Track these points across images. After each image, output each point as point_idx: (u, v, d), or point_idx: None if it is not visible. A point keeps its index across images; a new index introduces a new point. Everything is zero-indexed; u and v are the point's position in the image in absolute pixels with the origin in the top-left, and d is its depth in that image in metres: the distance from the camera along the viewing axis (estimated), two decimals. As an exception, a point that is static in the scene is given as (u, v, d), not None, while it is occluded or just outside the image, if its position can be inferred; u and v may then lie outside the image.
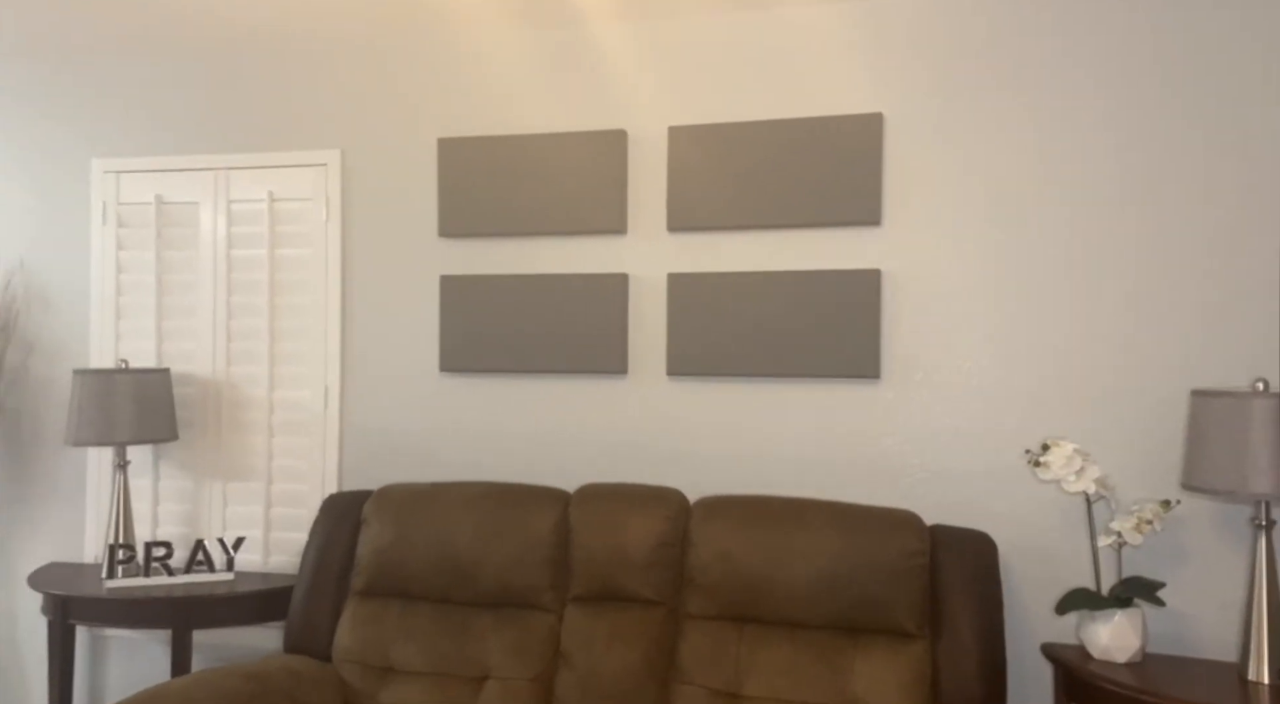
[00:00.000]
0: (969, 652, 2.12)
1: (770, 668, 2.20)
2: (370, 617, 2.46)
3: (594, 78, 2.69)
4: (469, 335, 2.74)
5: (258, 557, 2.89)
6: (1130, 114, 2.30)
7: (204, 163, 2.95)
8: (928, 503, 2.42)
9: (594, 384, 2.68)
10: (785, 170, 2.51)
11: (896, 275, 2.46)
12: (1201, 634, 2.22)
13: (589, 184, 2.66)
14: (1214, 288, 2.25)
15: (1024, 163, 2.37)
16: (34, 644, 3.07)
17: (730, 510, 2.33)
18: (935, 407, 2.42)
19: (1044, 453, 2.16)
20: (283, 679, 2.27)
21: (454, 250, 2.79)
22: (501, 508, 2.45)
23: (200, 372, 2.95)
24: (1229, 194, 2.24)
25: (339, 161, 2.86)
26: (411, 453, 2.81)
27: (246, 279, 2.92)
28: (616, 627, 2.31)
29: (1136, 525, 2.10)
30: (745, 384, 2.57)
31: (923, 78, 2.44)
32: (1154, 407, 2.27)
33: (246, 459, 2.92)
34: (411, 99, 2.82)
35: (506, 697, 2.30)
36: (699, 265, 2.61)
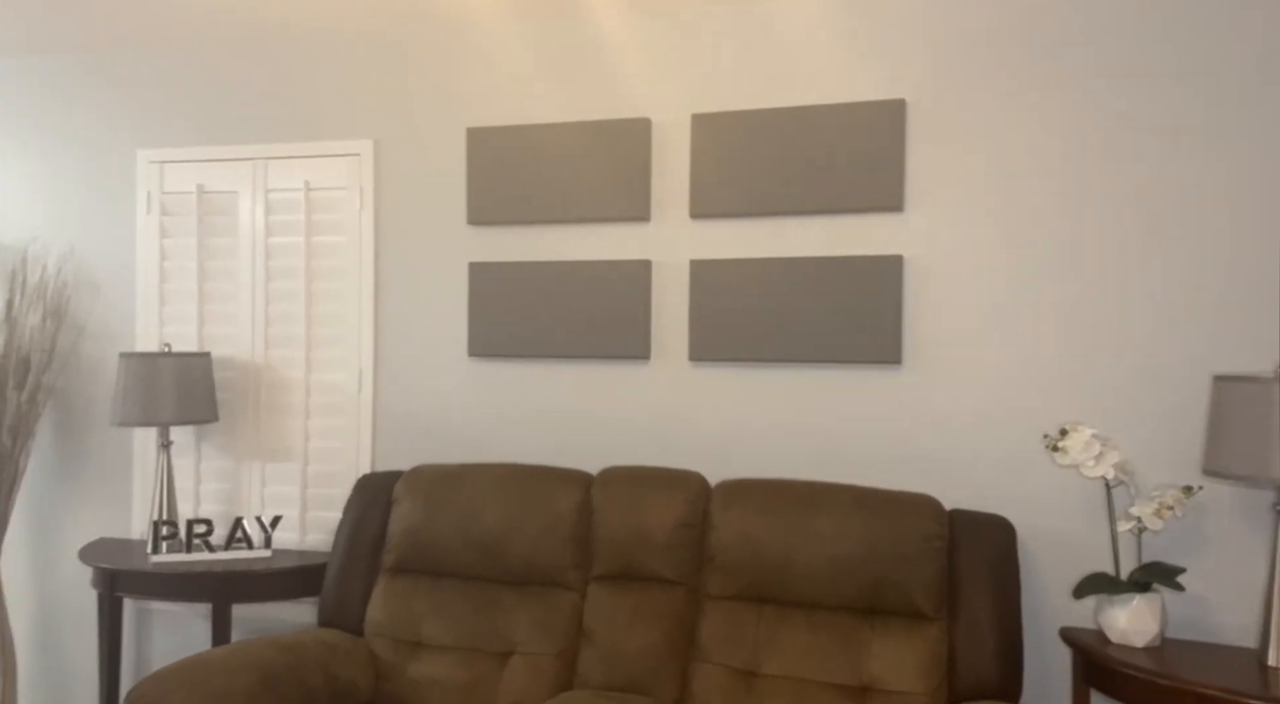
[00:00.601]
0: (985, 634, 2.14)
1: (788, 648, 2.23)
2: (401, 593, 2.54)
3: (618, 67, 2.72)
4: (496, 321, 2.81)
5: (294, 535, 2.99)
6: (1156, 101, 2.28)
7: (243, 153, 3.04)
8: (948, 487, 2.43)
9: (617, 369, 2.73)
10: (808, 157, 2.53)
11: (918, 261, 2.47)
12: (1223, 620, 2.21)
13: (613, 172, 2.70)
14: (1237, 274, 2.23)
15: (1047, 150, 2.36)
16: (86, 615, 3.21)
17: (750, 493, 2.37)
18: (956, 392, 2.43)
19: (1062, 438, 2.17)
20: (316, 651, 2.36)
21: (482, 238, 2.85)
22: (527, 489, 2.51)
23: (240, 355, 3.05)
24: (1253, 181, 2.21)
25: (372, 151, 2.93)
26: (441, 435, 2.88)
27: (284, 266, 3.02)
28: (638, 605, 2.36)
29: (1157, 511, 2.10)
30: (767, 370, 2.60)
31: (946, 64, 2.44)
32: (1177, 392, 2.26)
33: (284, 440, 3.02)
34: (441, 90, 2.88)
35: (531, 671, 2.37)
36: (721, 252, 2.64)
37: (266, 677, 2.17)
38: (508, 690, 2.35)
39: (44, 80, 3.24)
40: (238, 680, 2.12)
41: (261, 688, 2.15)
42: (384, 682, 2.45)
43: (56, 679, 3.24)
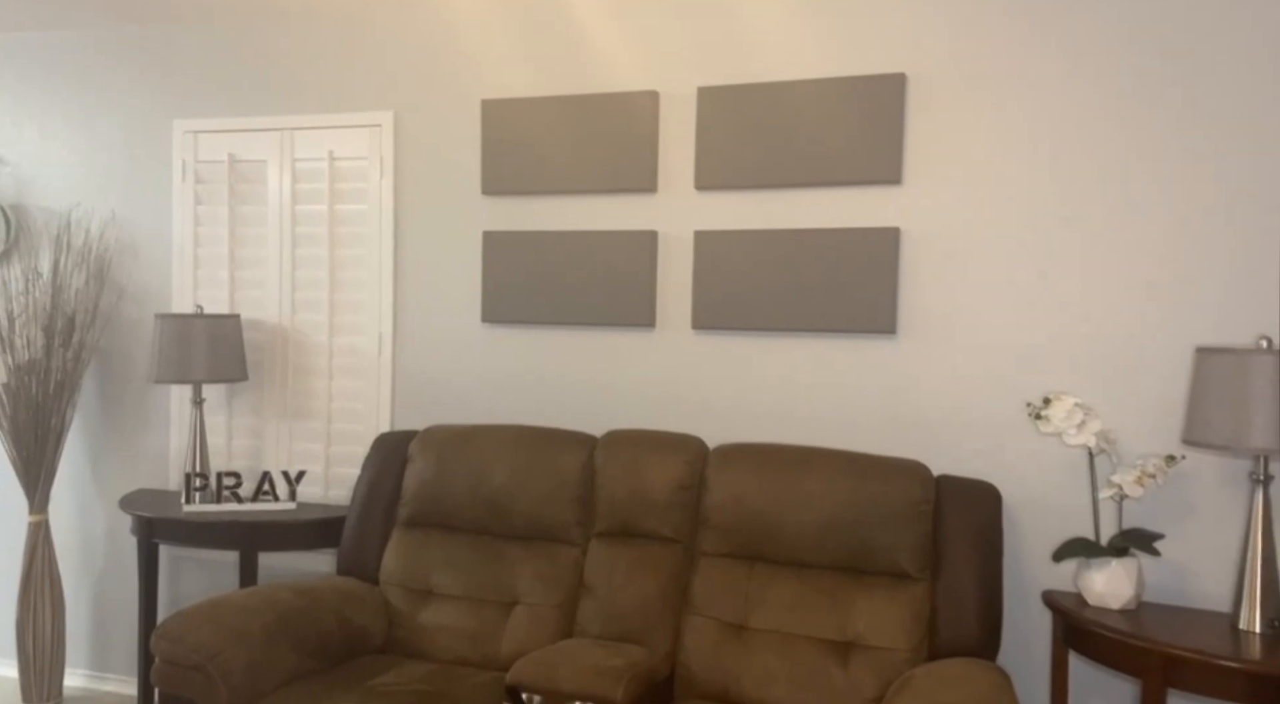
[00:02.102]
0: (967, 595, 2.21)
1: (777, 603, 2.33)
2: (414, 545, 2.69)
3: (628, 40, 2.79)
4: (508, 288, 2.91)
5: (318, 489, 3.15)
6: (1149, 78, 2.30)
7: (271, 124, 3.17)
8: (938, 454, 2.50)
9: (623, 336, 2.82)
10: (810, 130, 2.58)
11: (915, 233, 2.52)
12: (1200, 585, 2.26)
13: (622, 144, 2.78)
14: (1222, 248, 2.25)
15: (1041, 126, 2.39)
16: (126, 560, 3.42)
17: (745, 457, 2.46)
18: (948, 361, 2.49)
19: (1045, 407, 2.22)
20: (331, 596, 2.51)
21: (496, 207, 2.95)
22: (534, 449, 2.63)
23: (268, 318, 3.20)
24: (1238, 160, 2.23)
25: (392, 122, 3.04)
26: (455, 397, 3.01)
27: (309, 233, 3.15)
28: (635, 561, 2.47)
29: (1138, 478, 2.14)
30: (767, 337, 2.67)
31: (945, 39, 2.47)
32: (1159, 364, 2.30)
33: (309, 400, 3.17)
34: (457, 63, 2.98)
35: (533, 620, 2.50)
36: (725, 223, 2.71)
37: (283, 617, 2.33)
38: (511, 638, 2.49)
39: (85, 54, 3.40)
40: (256, 619, 2.28)
41: (278, 626, 2.30)
42: (396, 628, 2.59)
43: (100, 616, 3.46)
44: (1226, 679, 1.87)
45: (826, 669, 2.21)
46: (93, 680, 3.46)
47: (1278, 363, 1.95)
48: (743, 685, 2.26)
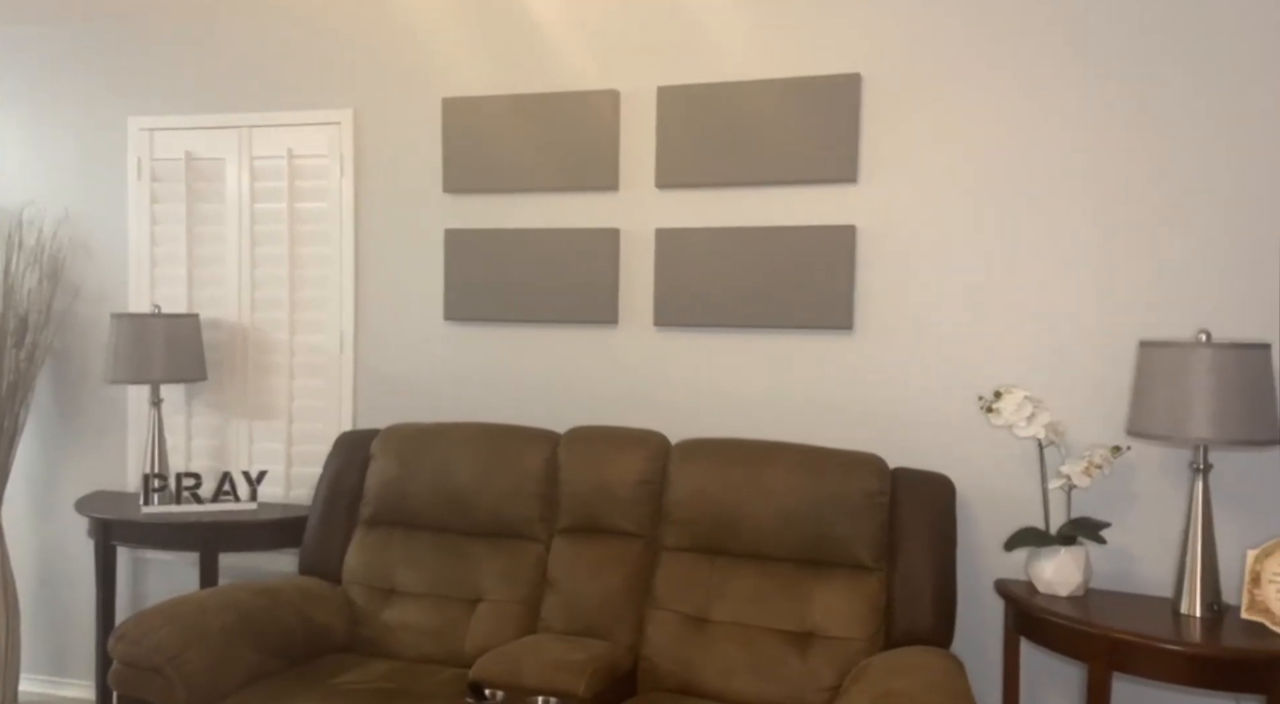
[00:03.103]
0: (921, 585, 2.26)
1: (737, 596, 2.36)
2: (376, 543, 2.68)
3: (589, 39, 2.81)
4: (471, 286, 2.92)
5: (280, 489, 3.13)
6: (1097, 79, 2.36)
7: (229, 121, 3.15)
8: (894, 447, 2.55)
9: (586, 333, 2.84)
10: (768, 129, 2.62)
11: (870, 231, 2.56)
12: (1145, 572, 2.33)
13: (583, 142, 2.79)
14: (1165, 247, 2.32)
15: (993, 125, 2.45)
16: (83, 562, 3.37)
17: (706, 451, 2.49)
18: (903, 356, 2.54)
19: (996, 400, 2.27)
20: (293, 595, 2.50)
21: (458, 205, 2.95)
22: (497, 446, 2.64)
23: (228, 317, 3.18)
24: (1178, 161, 2.30)
25: (352, 120, 3.03)
26: (418, 395, 3.01)
27: (269, 231, 3.13)
28: (599, 556, 2.49)
29: (1086, 469, 2.21)
30: (727, 334, 2.71)
31: (899, 41, 2.52)
32: (1107, 357, 2.36)
33: (270, 399, 3.15)
34: (417, 61, 2.97)
35: (497, 617, 2.51)
36: (686, 221, 2.74)
37: (244, 616, 2.32)
38: (475, 635, 2.50)
39: (39, 49, 3.34)
40: (216, 619, 2.26)
41: (239, 626, 2.29)
42: (359, 626, 2.59)
43: (56, 621, 3.41)
44: (1167, 661, 1.94)
45: (786, 659, 2.25)
46: (50, 686, 3.41)
47: (1215, 356, 2.02)
48: (704, 677, 2.29)
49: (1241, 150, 2.26)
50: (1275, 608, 1.99)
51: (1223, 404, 2.00)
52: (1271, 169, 2.24)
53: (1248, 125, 2.26)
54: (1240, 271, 2.27)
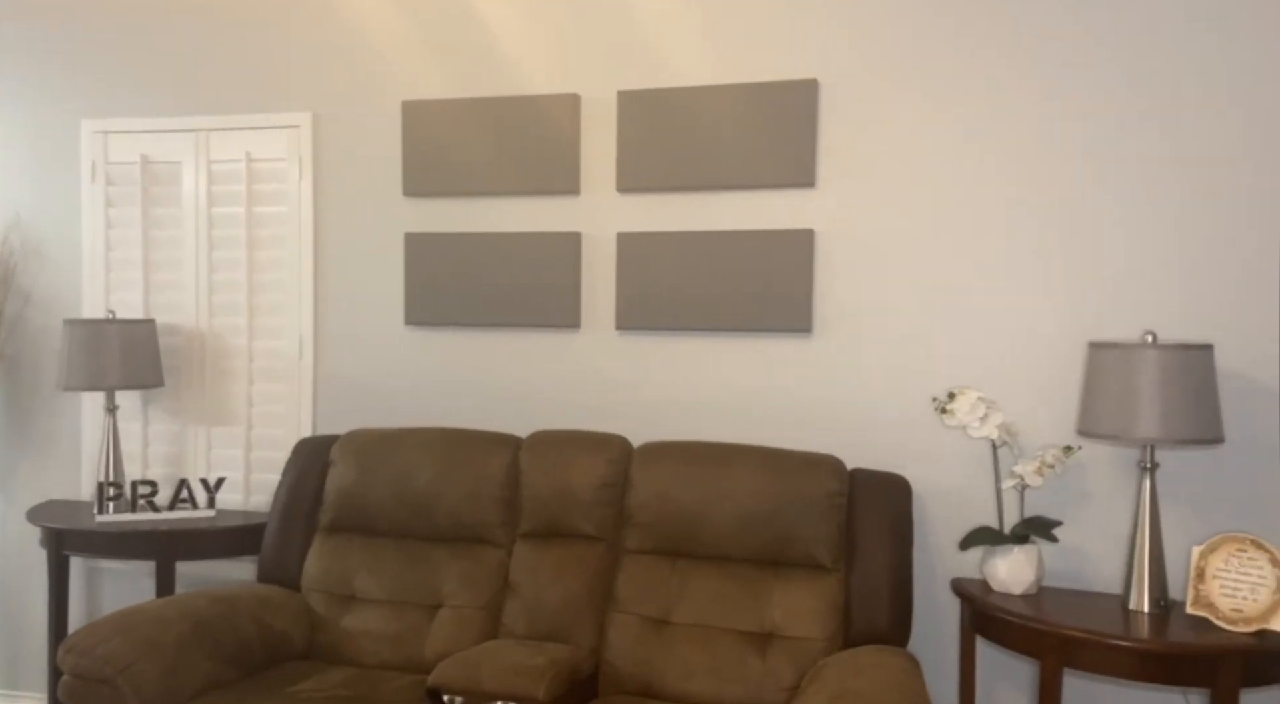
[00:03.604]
0: (879, 584, 2.28)
1: (698, 597, 2.37)
2: (335, 549, 2.66)
3: (548, 42, 2.81)
4: (432, 290, 2.90)
5: (239, 496, 3.10)
6: (1046, 86, 2.41)
7: (186, 124, 3.11)
8: (852, 448, 2.57)
9: (548, 337, 2.84)
10: (727, 134, 2.64)
11: (828, 235, 2.59)
12: (1096, 569, 2.37)
13: (544, 146, 2.79)
14: (1115, 250, 2.37)
15: (947, 130, 2.48)
16: (36, 573, 3.30)
17: (667, 454, 2.50)
18: (861, 359, 2.57)
19: (950, 401, 2.31)
20: (251, 603, 2.47)
21: (418, 209, 2.94)
22: (458, 451, 2.63)
23: (185, 322, 3.14)
24: (1125, 167, 2.35)
25: (310, 124, 3.01)
26: (379, 400, 2.99)
27: (227, 235, 3.10)
28: (560, 560, 2.49)
29: (1038, 469, 2.24)
30: (688, 337, 2.72)
31: (855, 46, 2.55)
32: (1058, 358, 2.41)
33: (228, 405, 3.11)
34: (377, 63, 2.96)
35: (458, 622, 2.50)
36: (647, 225, 2.75)
37: (199, 625, 2.29)
38: (435, 640, 2.48)
39: (-12, 50, 3.28)
40: (170, 629, 2.23)
41: (194, 635, 2.26)
42: (318, 633, 2.57)
43: (9, 632, 3.34)
44: (1116, 657, 1.97)
45: (746, 660, 2.26)
46: (3, 698, 3.34)
47: (1161, 357, 2.06)
48: (665, 679, 2.30)
49: (1185, 158, 2.32)
50: (1219, 603, 2.04)
51: (1168, 404, 2.05)
52: (1213, 176, 2.30)
53: (1191, 133, 2.31)
54: (1184, 275, 2.32)
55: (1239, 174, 2.28)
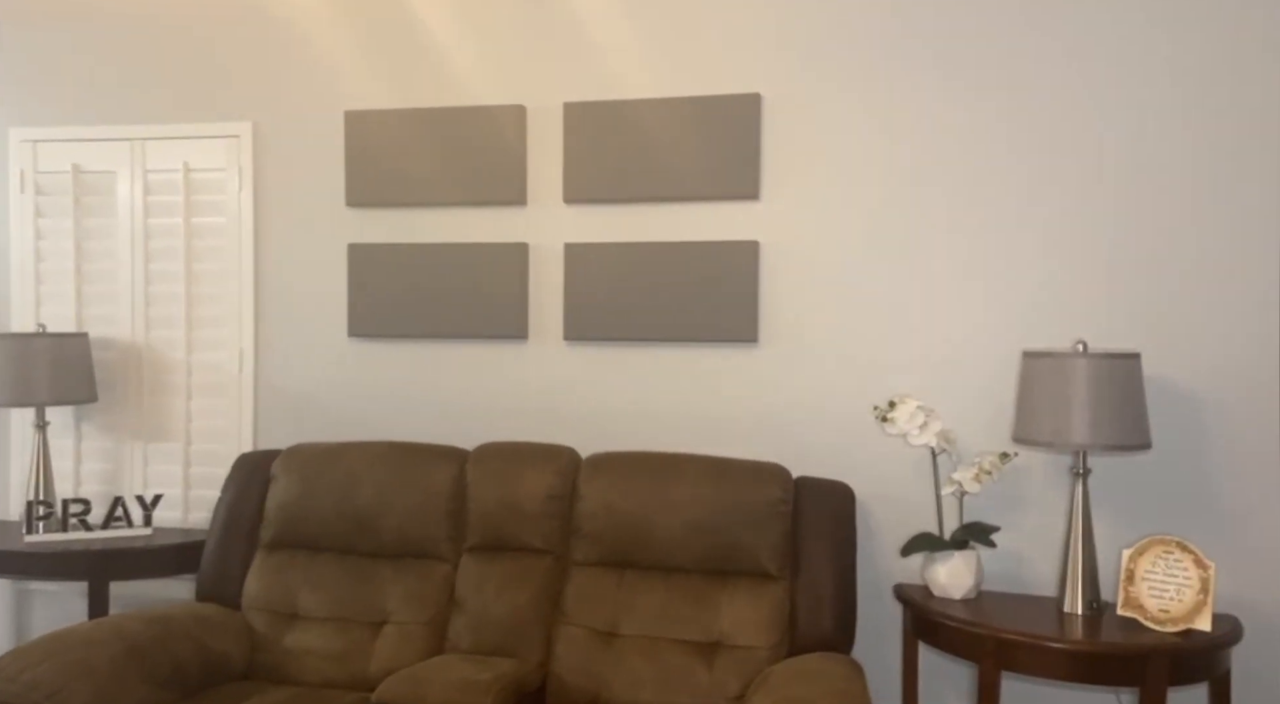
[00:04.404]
0: (823, 591, 2.31)
1: (645, 608, 2.38)
2: (277, 567, 2.61)
3: (494, 54, 2.81)
4: (376, 302, 2.87)
5: (177, 513, 3.02)
6: (982, 99, 2.47)
7: (120, 133, 3.03)
8: (797, 456, 2.60)
9: (496, 348, 2.83)
10: (673, 146, 2.66)
11: (773, 246, 2.62)
12: (1033, 573, 2.43)
13: (490, 157, 2.79)
14: (1048, 263, 2.44)
15: (888, 145, 2.54)
16: (-39, 599, 3.18)
17: (615, 465, 2.50)
18: (806, 368, 2.60)
19: (890, 409, 2.35)
20: (188, 623, 2.41)
21: (362, 219, 2.91)
22: (403, 465, 2.60)
23: (120, 336, 3.06)
24: (1059, 181, 2.43)
25: (251, 133, 2.96)
26: (323, 414, 2.94)
27: (164, 246, 3.03)
28: (507, 574, 2.47)
29: (976, 475, 2.29)
30: (636, 348, 2.73)
31: (798, 61, 2.59)
32: (994, 367, 2.47)
33: (166, 420, 3.04)
34: (319, 73, 2.92)
35: (402, 639, 2.46)
36: (594, 236, 2.75)
37: (133, 648, 2.22)
38: (380, 657, 2.45)
39: (-90, 55, 3.17)
40: (102, 652, 2.16)
41: (127, 659, 2.20)
42: (259, 652, 2.51)
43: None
44: (1050, 659, 2.03)
45: (693, 671, 2.27)
46: (-76, 729, 3.20)
47: (1091, 365, 2.13)
48: (613, 691, 2.29)
49: (1113, 175, 2.40)
50: (1148, 604, 2.11)
51: (1098, 411, 2.11)
52: (1140, 193, 2.38)
53: (1117, 152, 2.40)
54: (1113, 286, 2.40)
55: (1164, 191, 2.37)
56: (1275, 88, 2.30)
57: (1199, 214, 2.35)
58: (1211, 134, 2.34)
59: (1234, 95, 2.32)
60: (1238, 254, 2.33)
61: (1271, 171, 2.31)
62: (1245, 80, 2.32)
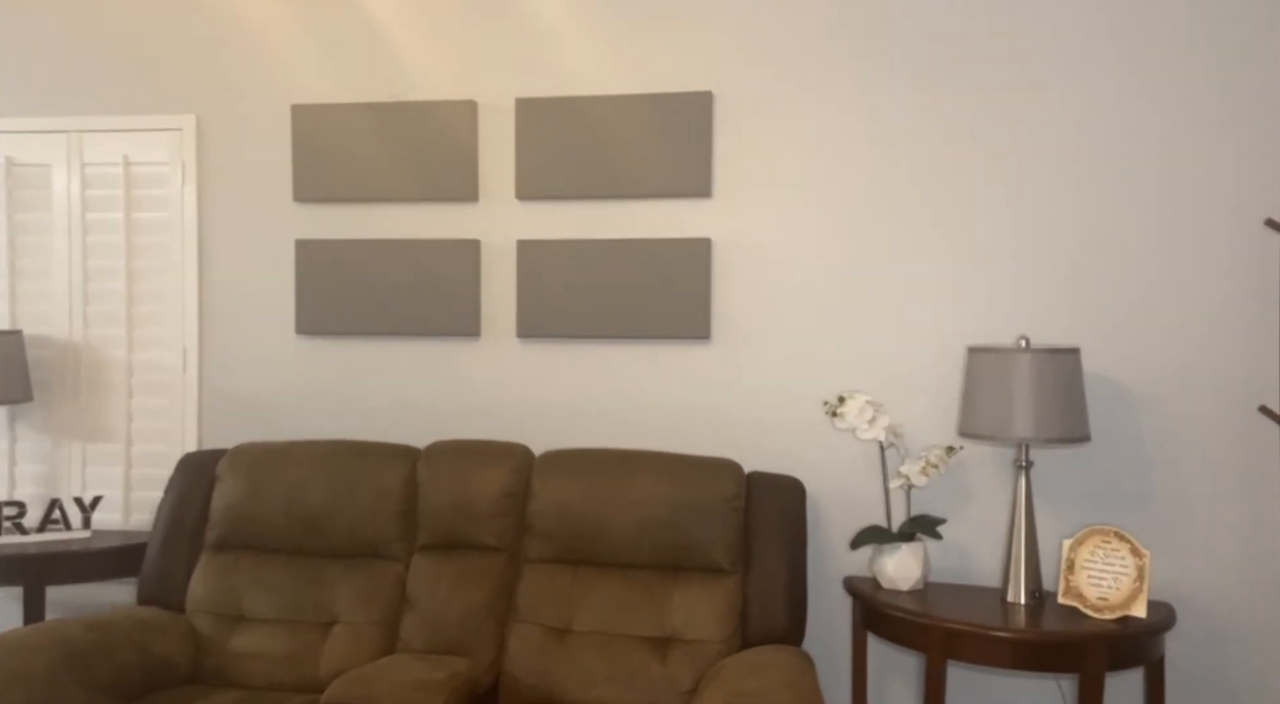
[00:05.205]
0: (775, 585, 2.34)
1: (599, 605, 2.38)
2: (223, 568, 2.56)
3: (445, 49, 2.78)
4: (325, 298, 2.83)
5: (117, 515, 2.94)
6: (929, 98, 2.52)
7: (56, 125, 2.94)
8: (749, 451, 2.63)
9: (448, 346, 2.80)
10: (626, 143, 2.66)
11: (725, 244, 2.64)
12: (979, 564, 2.49)
13: (441, 152, 2.76)
14: (992, 261, 2.50)
15: (838, 144, 2.57)
16: (-113, 607, 3.06)
17: (568, 462, 2.50)
18: (758, 365, 2.63)
19: (840, 404, 2.39)
20: (128, 628, 2.35)
21: (309, 215, 2.86)
22: (352, 464, 2.56)
23: (57, 334, 2.96)
24: (1005, 185, 2.49)
25: (194, 126, 2.89)
26: (270, 413, 2.89)
27: (103, 242, 2.94)
28: (460, 572, 2.46)
29: (923, 468, 2.34)
30: (589, 345, 2.73)
31: (748, 59, 2.62)
32: (940, 363, 2.53)
33: (106, 420, 2.95)
34: (264, 66, 2.87)
35: (353, 639, 2.43)
36: (547, 233, 2.74)
37: (71, 653, 2.16)
38: (329, 658, 2.41)
39: None
40: (39, 658, 2.10)
41: (65, 664, 2.14)
42: (204, 656, 2.46)
43: None
44: (995, 648, 2.07)
45: (646, 666, 2.28)
46: None
47: (1033, 361, 2.18)
48: (566, 688, 2.29)
49: (1055, 176, 2.46)
50: (1087, 592, 2.17)
51: (1040, 405, 2.17)
52: (1081, 194, 2.45)
53: (1060, 154, 2.46)
54: (1055, 284, 2.46)
55: (1104, 195, 2.44)
56: (1210, 92, 2.38)
57: (1137, 217, 2.43)
58: (1148, 142, 2.41)
59: (1172, 100, 2.40)
60: (1173, 255, 2.41)
61: (1202, 177, 2.39)
62: (1183, 85, 2.40)
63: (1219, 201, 2.38)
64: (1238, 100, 2.37)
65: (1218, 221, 2.38)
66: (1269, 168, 2.35)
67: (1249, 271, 2.36)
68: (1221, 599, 2.37)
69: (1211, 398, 2.38)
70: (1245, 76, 2.36)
